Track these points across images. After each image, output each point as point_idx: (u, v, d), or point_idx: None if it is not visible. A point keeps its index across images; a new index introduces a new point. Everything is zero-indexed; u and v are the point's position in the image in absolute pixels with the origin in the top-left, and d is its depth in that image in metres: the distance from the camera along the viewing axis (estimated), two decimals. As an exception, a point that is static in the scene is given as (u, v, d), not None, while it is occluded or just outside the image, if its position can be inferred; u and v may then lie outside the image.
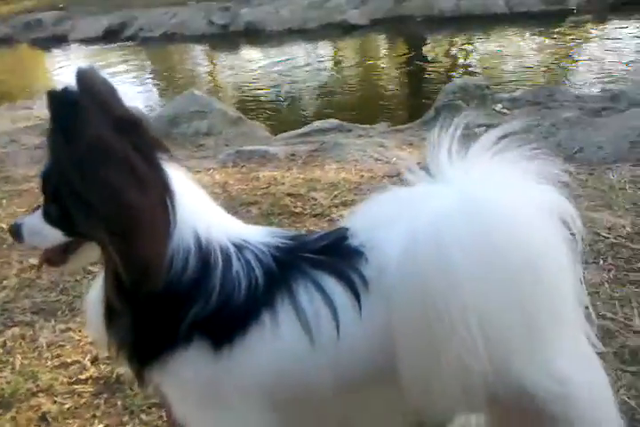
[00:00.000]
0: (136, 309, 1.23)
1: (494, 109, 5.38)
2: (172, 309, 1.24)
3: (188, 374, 1.27)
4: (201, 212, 1.31)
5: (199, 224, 1.27)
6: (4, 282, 2.81)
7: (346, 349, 1.27)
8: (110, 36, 12.84)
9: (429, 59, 9.55)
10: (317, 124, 5.73)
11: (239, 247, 1.30)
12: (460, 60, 9.64)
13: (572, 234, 1.33)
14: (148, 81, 10.11)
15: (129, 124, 1.20)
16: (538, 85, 6.69)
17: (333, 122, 5.65)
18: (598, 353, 2.04)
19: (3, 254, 3.05)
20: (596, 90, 6.27)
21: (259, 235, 1.36)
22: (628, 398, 1.86)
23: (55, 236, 1.28)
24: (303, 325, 1.25)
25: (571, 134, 4.31)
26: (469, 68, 9.02)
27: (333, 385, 1.30)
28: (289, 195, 3.57)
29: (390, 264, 1.23)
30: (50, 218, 1.28)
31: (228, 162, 4.42)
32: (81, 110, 1.13)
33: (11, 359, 2.27)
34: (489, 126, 4.65)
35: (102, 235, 1.16)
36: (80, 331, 2.40)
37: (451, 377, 1.21)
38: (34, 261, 2.94)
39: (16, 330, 2.43)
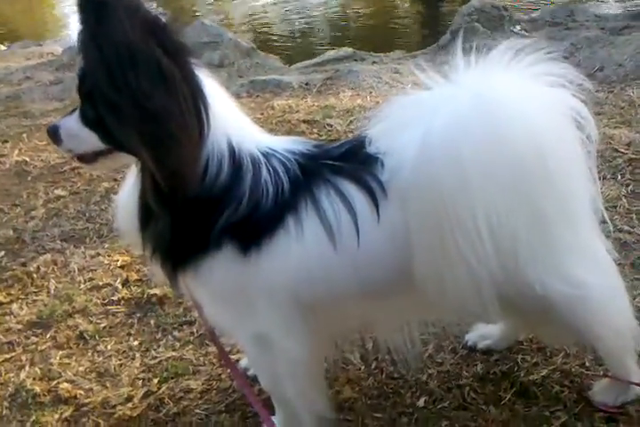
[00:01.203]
0: (173, 212, 1.27)
1: (512, 31, 5.23)
2: (206, 213, 1.28)
3: (218, 276, 1.33)
4: (232, 119, 1.33)
5: (231, 131, 1.30)
6: (33, 212, 2.88)
7: (366, 252, 1.32)
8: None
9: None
10: (331, 53, 5.63)
11: (267, 155, 1.33)
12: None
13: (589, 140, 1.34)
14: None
15: (158, 27, 1.18)
16: (557, 5, 6.46)
17: (347, 50, 5.55)
18: (616, 264, 2.12)
19: (29, 186, 3.11)
20: (617, 8, 6.06)
21: (285, 143, 1.40)
22: (644, 306, 1.90)
23: (92, 140, 1.30)
24: (326, 229, 1.30)
25: (591, 53, 4.21)
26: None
27: (356, 287, 1.36)
28: (304, 122, 3.56)
29: (404, 166, 1.26)
30: (87, 120, 1.28)
31: (242, 92, 4.39)
32: (109, 11, 1.12)
33: (45, 284, 2.36)
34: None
35: (134, 141, 1.18)
36: (109, 256, 2.48)
37: (462, 276, 1.26)
38: (59, 191, 3.02)
39: (48, 257, 2.52)
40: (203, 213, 1.29)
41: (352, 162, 1.36)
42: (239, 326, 1.45)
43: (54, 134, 1.35)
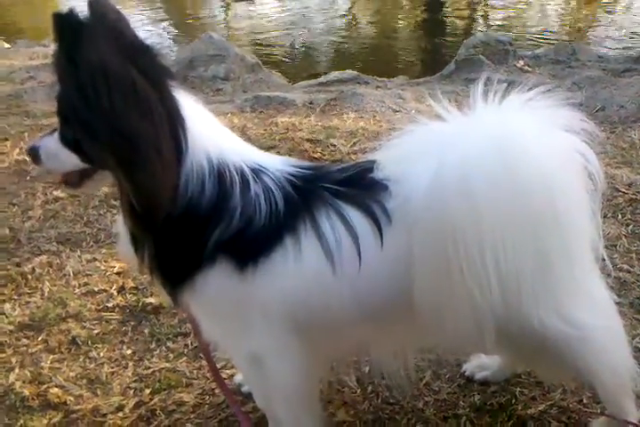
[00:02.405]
0: (156, 234, 1.26)
1: (515, 66, 5.32)
2: (195, 231, 1.27)
3: (214, 292, 1.32)
4: (213, 136, 1.31)
5: (211, 148, 1.28)
6: (30, 212, 2.84)
7: (366, 276, 1.32)
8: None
9: (450, 11, 9.37)
10: (335, 74, 5.67)
11: (255, 171, 1.31)
12: (481, 14, 9.46)
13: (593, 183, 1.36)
14: (162, 25, 9.94)
15: (137, 50, 1.18)
16: (561, 43, 6.57)
17: (351, 73, 5.59)
18: (616, 303, 2.13)
19: (27, 186, 3.08)
20: (619, 51, 6.19)
21: (275, 162, 1.38)
22: (642, 346, 1.91)
23: (72, 161, 1.28)
24: (325, 251, 1.29)
25: (593, 93, 4.28)
26: (491, 23, 8.86)
27: (353, 311, 1.36)
28: (308, 140, 3.57)
29: (416, 195, 1.26)
30: (66, 141, 1.27)
31: (246, 107, 4.40)
32: (86, 33, 1.12)
33: (40, 286, 2.32)
34: (511, 83, 4.63)
35: (110, 163, 1.17)
36: (106, 262, 2.45)
37: (463, 307, 1.26)
38: (58, 193, 2.98)
39: (43, 258, 2.48)
40: (193, 232, 1.27)
41: (356, 187, 1.35)
42: (234, 345, 1.44)
43: (34, 155, 1.33)
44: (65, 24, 1.13)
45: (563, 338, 1.39)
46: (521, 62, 5.40)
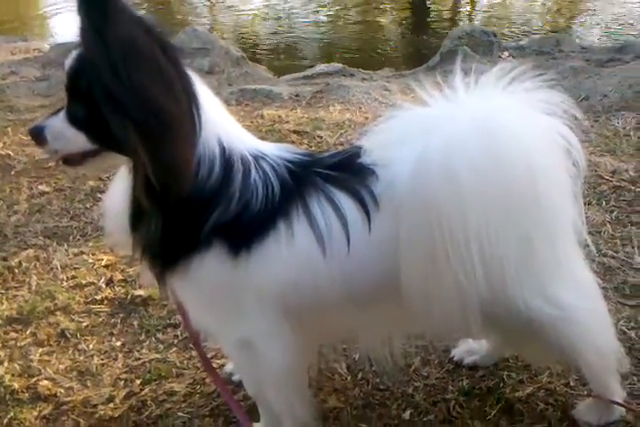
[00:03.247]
0: (165, 211, 1.26)
1: (500, 57, 5.34)
2: (197, 212, 1.28)
3: (207, 276, 1.32)
4: (222, 122, 1.33)
5: (222, 133, 1.30)
6: (15, 207, 2.83)
7: (355, 260, 1.33)
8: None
9: (434, 3, 9.39)
10: (321, 67, 5.67)
11: (256, 158, 1.33)
12: (466, 7, 9.48)
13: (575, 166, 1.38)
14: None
15: (154, 29, 1.20)
16: (544, 35, 6.62)
17: (337, 66, 5.59)
18: (600, 288, 2.15)
19: (12, 180, 3.06)
20: (602, 41, 6.24)
21: (274, 149, 1.40)
22: (628, 329, 1.93)
23: (79, 141, 1.28)
24: (316, 235, 1.31)
25: (576, 83, 4.31)
26: (475, 16, 8.88)
27: (342, 295, 1.37)
28: (294, 132, 3.58)
29: (400, 179, 1.28)
30: (75, 119, 1.27)
31: (232, 100, 4.39)
32: (115, 10, 1.13)
33: (27, 279, 2.32)
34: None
35: (133, 138, 1.17)
36: (94, 255, 2.44)
37: (449, 290, 1.28)
38: (43, 187, 2.97)
39: (30, 252, 2.47)
40: (194, 213, 1.28)
41: (345, 172, 1.37)
42: (224, 330, 1.44)
43: (39, 135, 1.32)
44: (93, 2, 1.13)
45: (548, 319, 1.41)
46: (505, 53, 5.43)
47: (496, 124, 1.28)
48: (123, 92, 1.14)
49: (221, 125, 1.32)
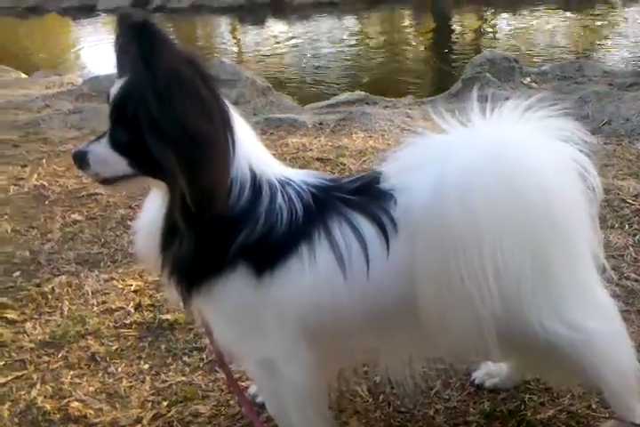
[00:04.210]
0: (197, 231, 1.33)
1: (522, 83, 5.38)
2: (225, 233, 1.34)
3: (231, 297, 1.38)
4: (253, 148, 1.41)
5: (253, 158, 1.38)
6: (49, 235, 2.93)
7: (375, 283, 1.37)
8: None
9: (457, 32, 9.50)
10: (344, 95, 5.78)
11: (282, 183, 1.40)
12: (488, 35, 9.58)
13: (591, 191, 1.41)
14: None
15: (195, 60, 1.28)
16: (567, 60, 6.65)
17: (360, 94, 5.70)
18: (622, 311, 2.15)
19: (46, 210, 3.18)
20: (625, 66, 6.24)
21: (300, 175, 1.47)
22: (650, 352, 1.93)
23: (120, 165, 1.36)
24: (337, 259, 1.36)
25: (599, 107, 4.32)
26: (497, 42, 8.97)
27: (362, 317, 1.41)
28: (318, 159, 3.65)
29: (417, 205, 1.32)
30: (118, 145, 1.34)
31: (257, 129, 4.47)
32: (161, 42, 1.22)
33: (59, 305, 2.40)
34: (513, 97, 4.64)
35: (172, 161, 1.25)
36: (123, 280, 2.52)
37: (465, 313, 1.31)
38: (76, 216, 3.08)
39: (63, 278, 2.56)
40: (223, 233, 1.34)
41: (365, 196, 1.42)
42: (246, 350, 1.48)
43: (82, 159, 1.39)
44: (145, 33, 1.22)
45: (566, 342, 1.42)
46: (527, 79, 5.47)
47: (510, 150, 1.32)
48: (166, 117, 1.22)
49: (252, 151, 1.39)
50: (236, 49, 10.58)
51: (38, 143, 4.22)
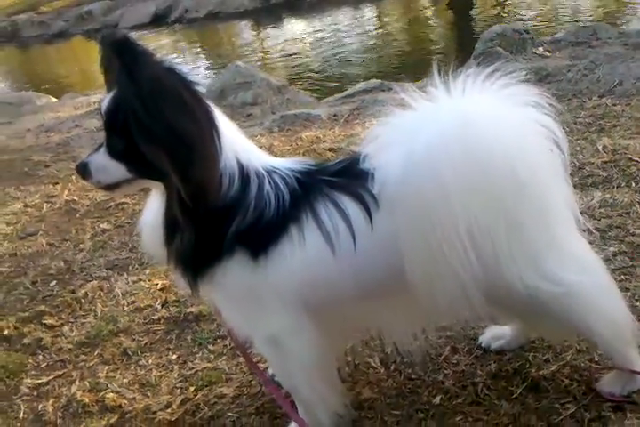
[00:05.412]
0: (195, 223, 1.44)
1: (535, 53, 5.35)
2: (220, 222, 1.46)
3: (231, 280, 1.49)
4: (239, 142, 1.52)
5: (238, 150, 1.49)
6: (81, 245, 3.13)
7: (362, 256, 1.47)
8: (158, 20, 13.20)
9: (477, 6, 9.40)
10: (360, 85, 5.85)
11: (268, 172, 1.51)
12: (506, 8, 9.47)
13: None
14: (197, 58, 10.38)
15: (173, 67, 1.40)
16: (580, 26, 6.55)
17: (376, 82, 5.75)
18: (627, 266, 2.19)
19: (77, 222, 3.38)
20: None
21: (285, 162, 1.58)
22: (652, 302, 1.97)
23: (119, 171, 1.48)
24: (325, 236, 1.46)
25: (610, 69, 4.28)
26: (520, 11, 8.85)
27: (354, 290, 1.51)
28: (330, 150, 3.76)
29: (392, 181, 1.40)
30: (114, 151, 1.46)
31: (274, 127, 4.62)
32: (141, 55, 1.35)
33: (93, 308, 2.57)
34: (529, 70, 4.62)
35: (165, 162, 1.37)
36: (150, 280, 2.67)
37: (448, 279, 1.38)
38: (105, 226, 3.25)
39: (94, 283, 2.73)
40: (217, 223, 1.46)
41: (347, 177, 1.52)
42: (253, 329, 1.59)
43: (84, 170, 1.52)
44: (124, 48, 1.36)
45: (549, 296, 1.48)
46: (540, 49, 5.42)
47: (473, 121, 1.37)
48: (153, 122, 1.34)
49: (238, 144, 1.51)
50: (257, 51, 10.72)
51: (68, 161, 4.43)
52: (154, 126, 1.34)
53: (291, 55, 9.32)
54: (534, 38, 5.58)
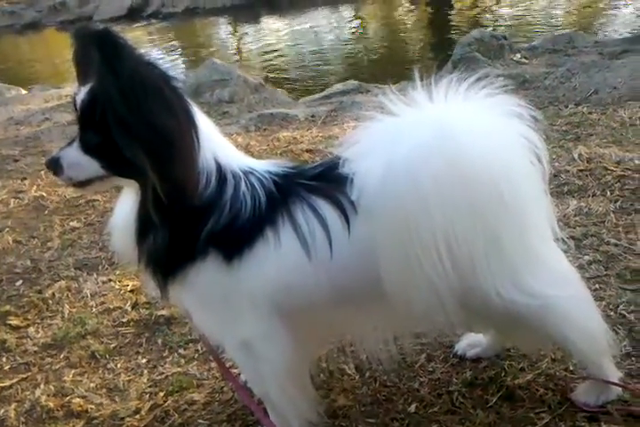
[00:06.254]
0: (169, 222, 1.40)
1: (512, 59, 5.39)
2: (194, 223, 1.41)
3: (204, 283, 1.45)
4: (217, 141, 1.48)
5: (217, 151, 1.45)
6: (49, 244, 3.04)
7: (339, 262, 1.43)
8: (134, 14, 13.02)
9: (456, 8, 9.45)
10: (337, 86, 5.84)
11: (245, 173, 1.47)
12: (485, 15, 9.54)
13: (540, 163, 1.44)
14: (173, 54, 10.27)
15: (153, 62, 1.36)
16: (557, 33, 6.62)
17: (353, 83, 5.75)
18: (602, 275, 2.19)
19: (45, 219, 3.29)
20: (616, 34, 6.21)
21: (263, 164, 1.54)
22: (628, 312, 1.97)
23: (92, 167, 1.43)
24: (301, 241, 1.42)
25: (586, 78, 4.34)
26: (496, 16, 8.92)
27: (330, 295, 1.47)
28: (307, 151, 3.72)
29: (370, 188, 1.36)
30: (88, 146, 1.41)
31: (251, 126, 4.58)
32: (122, 48, 1.29)
33: (60, 309, 2.49)
34: (506, 76, 4.66)
35: (142, 157, 1.32)
36: (120, 281, 2.61)
37: (424, 288, 1.36)
38: (74, 224, 3.17)
39: (62, 283, 2.65)
40: (191, 223, 1.42)
41: (325, 181, 1.48)
42: (224, 334, 1.55)
43: (55, 165, 1.46)
44: (105, 40, 1.30)
45: (525, 309, 1.47)
46: (517, 55, 5.47)
47: (455, 131, 1.33)
48: (133, 116, 1.29)
49: (216, 144, 1.46)
50: (235, 48, 10.65)
51: (38, 156, 4.33)
52: (133, 121, 1.30)
53: (268, 53, 9.27)
54: (512, 45, 5.63)
